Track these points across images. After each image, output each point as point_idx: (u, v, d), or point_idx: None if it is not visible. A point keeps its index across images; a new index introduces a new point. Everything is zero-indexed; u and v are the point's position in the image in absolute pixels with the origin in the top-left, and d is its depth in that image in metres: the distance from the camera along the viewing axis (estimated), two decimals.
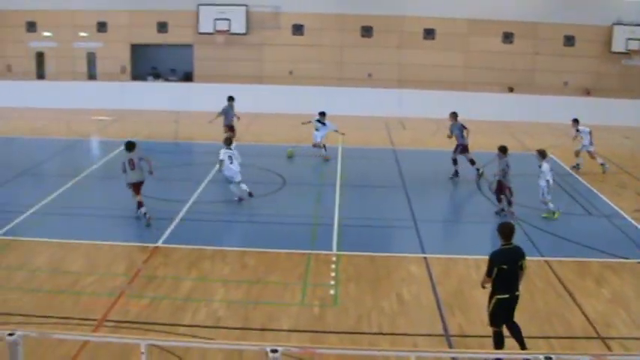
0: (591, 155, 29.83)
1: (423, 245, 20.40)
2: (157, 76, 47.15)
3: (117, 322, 15.09)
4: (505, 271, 13.18)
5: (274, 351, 9.66)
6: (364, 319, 15.47)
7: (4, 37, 47.15)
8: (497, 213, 23.07)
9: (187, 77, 46.76)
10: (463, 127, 27.92)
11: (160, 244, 20.02)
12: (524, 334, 13.43)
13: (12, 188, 26.23)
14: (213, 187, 26.24)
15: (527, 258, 13.61)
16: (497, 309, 13.33)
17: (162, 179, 27.62)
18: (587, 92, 43.99)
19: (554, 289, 17.33)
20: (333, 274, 17.99)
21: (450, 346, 14.24)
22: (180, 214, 22.76)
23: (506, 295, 13.29)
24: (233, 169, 24.11)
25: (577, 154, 29.99)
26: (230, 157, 24.12)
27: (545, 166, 22.72)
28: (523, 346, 13.41)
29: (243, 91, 41.77)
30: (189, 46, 45.96)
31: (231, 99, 31.91)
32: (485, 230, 21.87)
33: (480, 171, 27.78)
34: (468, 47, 44.42)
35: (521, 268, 13.41)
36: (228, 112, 31.65)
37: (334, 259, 19.08)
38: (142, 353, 10.00)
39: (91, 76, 47.00)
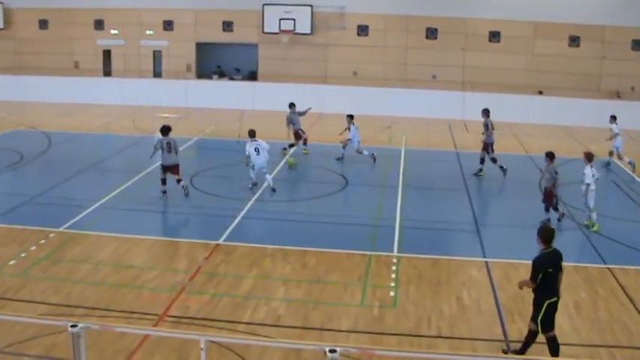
0: (619, 156, 29.80)
1: (485, 249, 20.22)
2: (222, 74, 47.48)
3: (177, 318, 15.20)
4: (550, 275, 13.09)
5: (333, 351, 9.60)
6: (423, 321, 15.37)
7: (73, 34, 47.95)
8: (558, 220, 22.37)
9: (252, 76, 47.00)
10: (490, 125, 28.22)
11: (221, 241, 20.10)
12: (585, 342, 13.23)
13: (77, 183, 26.61)
14: (276, 185, 26.29)
15: (590, 265, 13.43)
16: (549, 313, 13.21)
17: (226, 177, 27.92)
18: None
19: (616, 297, 17.03)
20: (393, 276, 17.90)
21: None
22: (243, 212, 22.84)
23: (555, 299, 13.21)
24: (261, 159, 25.25)
25: (619, 156, 29.68)
26: (256, 149, 25.28)
27: (588, 170, 21.99)
28: (523, 352, 13.47)
29: (306, 91, 42.05)
30: (254, 46, 46.19)
31: (292, 106, 31.81)
32: None
33: (505, 167, 28.00)
34: (533, 50, 43.91)
35: (560, 269, 13.31)
36: (292, 119, 31.61)
37: (395, 260, 18.98)
38: (202, 349, 10.01)
39: (157, 73, 47.53)
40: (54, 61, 47.99)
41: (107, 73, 48.07)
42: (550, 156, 22.11)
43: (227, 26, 46.03)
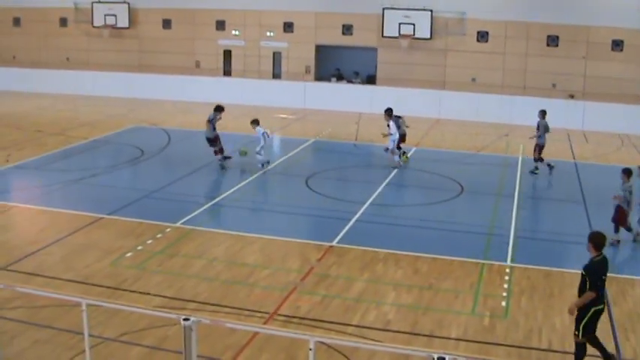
0: None
1: None
2: (340, 77, 47.60)
3: (287, 317, 15.29)
4: (603, 282, 12.95)
5: (441, 358, 9.52)
6: (534, 333, 15.07)
7: (195, 34, 48.90)
8: (611, 244, 20.35)
9: (370, 80, 47.00)
10: (543, 128, 29.01)
11: (334, 243, 20.14)
12: None
13: (194, 180, 27.11)
14: (391, 190, 26.26)
15: None
16: (593, 320, 13.04)
17: (341, 179, 28.00)
18: None
19: None
20: (505, 286, 17.62)
21: None
22: (357, 215, 22.84)
23: (601, 306, 13.02)
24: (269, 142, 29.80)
25: None
26: (265, 133, 28.76)
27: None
28: (606, 353, 13.16)
29: (425, 96, 41.96)
30: (373, 49, 46.18)
31: (389, 111, 30.29)
32: None
33: (552, 165, 28.65)
34: None
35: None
36: (399, 127, 30.72)
37: (508, 270, 18.69)
38: (310, 349, 10.04)
39: (276, 75, 47.98)
40: (176, 60, 49.06)
41: (227, 72, 48.80)
42: (627, 173, 21.03)
43: (347, 29, 46.18)
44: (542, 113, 29.29)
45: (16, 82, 49.57)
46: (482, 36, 44.28)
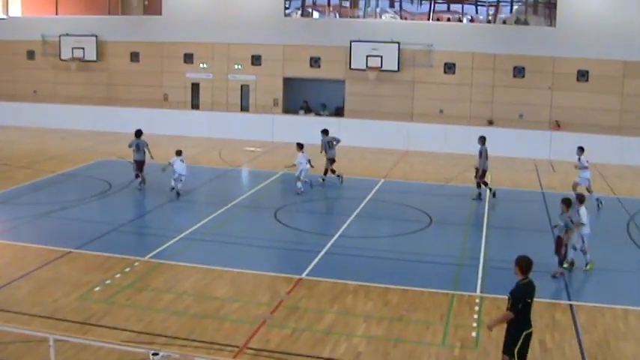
0: (589, 190, 29.26)
1: (570, 292, 19.84)
2: (308, 110, 47.73)
3: (257, 351, 15.21)
4: (529, 305, 13.12)
5: None
6: None
7: (163, 67, 48.96)
8: (553, 276, 20.66)
9: (338, 112, 47.12)
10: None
11: (304, 276, 20.10)
12: None
13: (163, 213, 27.06)
14: (360, 221, 26.28)
15: None
16: (525, 344, 13.18)
17: (310, 212, 28.02)
18: None
19: None
20: (475, 316, 17.65)
21: None
22: (326, 248, 22.82)
23: (531, 330, 13.26)
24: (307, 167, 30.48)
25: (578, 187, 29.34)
26: (309, 161, 30.48)
27: (582, 210, 21.12)
28: None
29: (393, 128, 42.16)
30: (340, 82, 46.38)
31: (325, 132, 33.45)
32: (637, 280, 21.11)
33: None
34: (623, 90, 43.04)
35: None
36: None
37: (478, 300, 18.73)
38: None
39: (244, 107, 48.01)
40: (144, 93, 49.03)
41: (195, 106, 48.78)
42: (566, 202, 21.11)
43: (314, 62, 46.37)
44: (482, 140, 30.11)
45: None
46: (450, 67, 44.61)
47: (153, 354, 10.08)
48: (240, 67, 47.60)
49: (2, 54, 52.12)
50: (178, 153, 29.59)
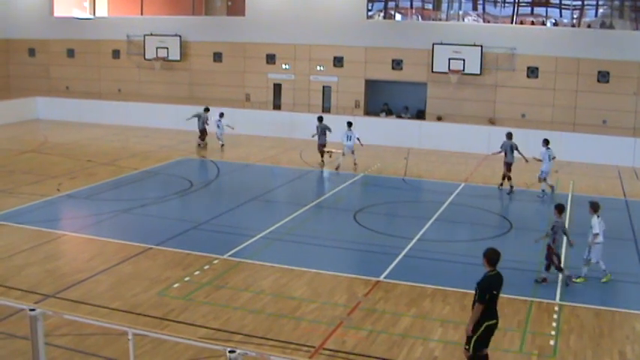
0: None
1: None
2: (390, 112, 47.57)
3: (333, 352, 15.20)
4: (494, 297, 13.12)
5: None
6: None
7: (246, 68, 49.27)
8: (536, 281, 20.45)
9: (419, 115, 46.88)
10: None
11: (382, 278, 20.02)
12: None
13: (243, 212, 27.18)
14: (440, 225, 26.08)
15: None
16: (485, 334, 13.21)
17: (390, 214, 27.92)
18: None
19: None
20: (554, 324, 17.36)
21: None
22: (404, 251, 22.71)
23: (494, 321, 13.25)
24: (349, 143, 35.08)
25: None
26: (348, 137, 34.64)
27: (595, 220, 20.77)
28: None
29: (474, 132, 41.69)
30: (422, 84, 46.11)
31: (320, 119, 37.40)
32: None
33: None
34: None
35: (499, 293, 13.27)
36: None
37: (557, 308, 18.42)
38: None
39: (326, 108, 48.02)
40: (226, 93, 49.43)
41: (277, 106, 49.01)
42: (558, 208, 20.80)
43: (396, 64, 46.19)
44: (509, 135, 32.07)
45: (69, 112, 50.45)
46: (533, 72, 43.98)
47: (229, 351, 10.09)
48: (322, 68, 47.67)
49: (89, 53, 53.14)
50: (221, 115, 39.74)
